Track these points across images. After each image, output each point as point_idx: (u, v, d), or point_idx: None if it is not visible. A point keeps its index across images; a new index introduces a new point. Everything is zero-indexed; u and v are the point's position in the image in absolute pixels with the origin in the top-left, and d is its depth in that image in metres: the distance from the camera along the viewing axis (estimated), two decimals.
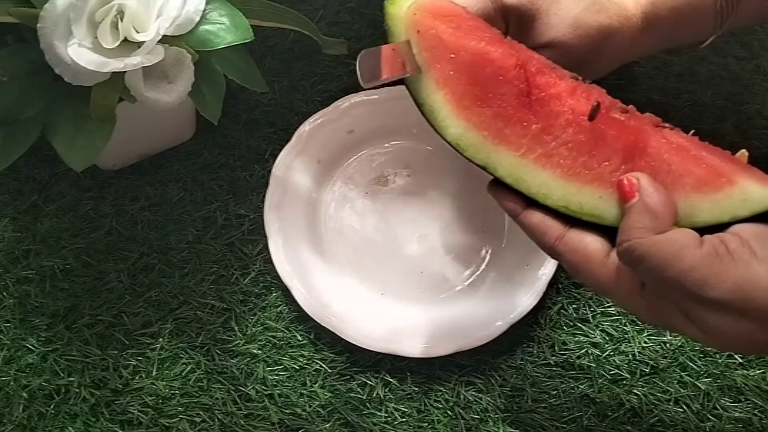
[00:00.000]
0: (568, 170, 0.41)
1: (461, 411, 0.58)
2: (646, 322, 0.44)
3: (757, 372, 0.58)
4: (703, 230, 0.39)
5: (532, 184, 0.42)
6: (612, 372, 0.58)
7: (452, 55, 0.43)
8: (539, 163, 0.41)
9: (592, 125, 0.41)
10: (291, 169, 0.65)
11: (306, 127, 0.65)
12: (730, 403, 0.57)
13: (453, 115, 0.42)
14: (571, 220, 0.42)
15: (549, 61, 0.44)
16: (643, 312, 0.41)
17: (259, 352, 0.60)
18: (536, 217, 0.42)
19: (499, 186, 0.43)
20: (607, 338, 0.59)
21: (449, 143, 0.43)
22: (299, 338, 0.61)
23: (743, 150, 0.41)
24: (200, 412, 0.58)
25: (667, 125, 0.42)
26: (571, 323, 0.60)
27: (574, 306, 0.61)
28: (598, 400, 0.58)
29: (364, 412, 0.58)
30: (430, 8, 0.43)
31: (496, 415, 0.57)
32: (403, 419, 0.58)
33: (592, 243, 0.41)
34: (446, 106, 0.42)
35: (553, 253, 0.42)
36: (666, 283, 0.38)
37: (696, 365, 0.58)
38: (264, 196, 0.63)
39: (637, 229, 0.39)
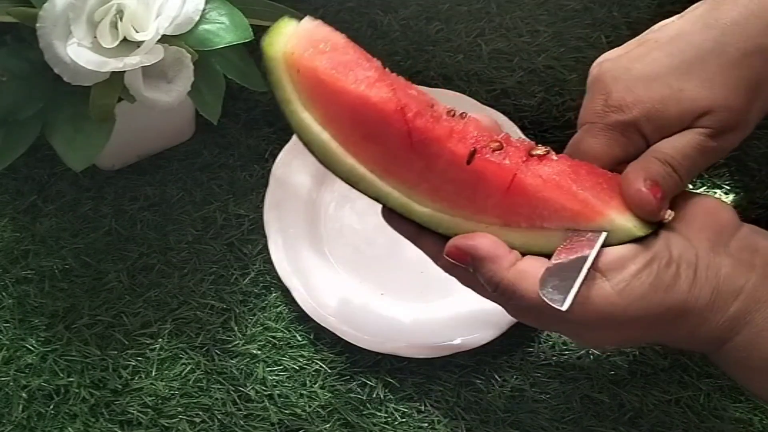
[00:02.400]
0: (455, 203, 0.43)
1: (461, 411, 0.58)
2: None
3: None
4: None
5: (422, 214, 0.44)
6: (612, 372, 0.58)
7: (333, 96, 0.43)
8: (427, 196, 0.43)
9: (471, 167, 0.43)
10: (291, 168, 0.65)
11: None
12: (730, 403, 0.57)
13: (341, 151, 0.43)
14: None
15: (427, 98, 0.44)
16: (533, 323, 0.44)
17: (259, 352, 0.60)
18: (429, 242, 0.45)
19: (393, 213, 0.45)
20: None
21: (342, 178, 0.44)
22: (299, 338, 0.61)
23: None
24: (200, 413, 0.58)
25: (540, 150, 0.43)
26: None
27: None
28: (598, 400, 0.58)
29: (364, 413, 0.58)
30: (306, 41, 0.44)
31: (496, 416, 0.57)
32: (403, 419, 0.58)
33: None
34: (333, 142, 0.43)
35: (450, 272, 0.45)
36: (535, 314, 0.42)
37: (696, 366, 0.58)
38: (264, 196, 0.63)
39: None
